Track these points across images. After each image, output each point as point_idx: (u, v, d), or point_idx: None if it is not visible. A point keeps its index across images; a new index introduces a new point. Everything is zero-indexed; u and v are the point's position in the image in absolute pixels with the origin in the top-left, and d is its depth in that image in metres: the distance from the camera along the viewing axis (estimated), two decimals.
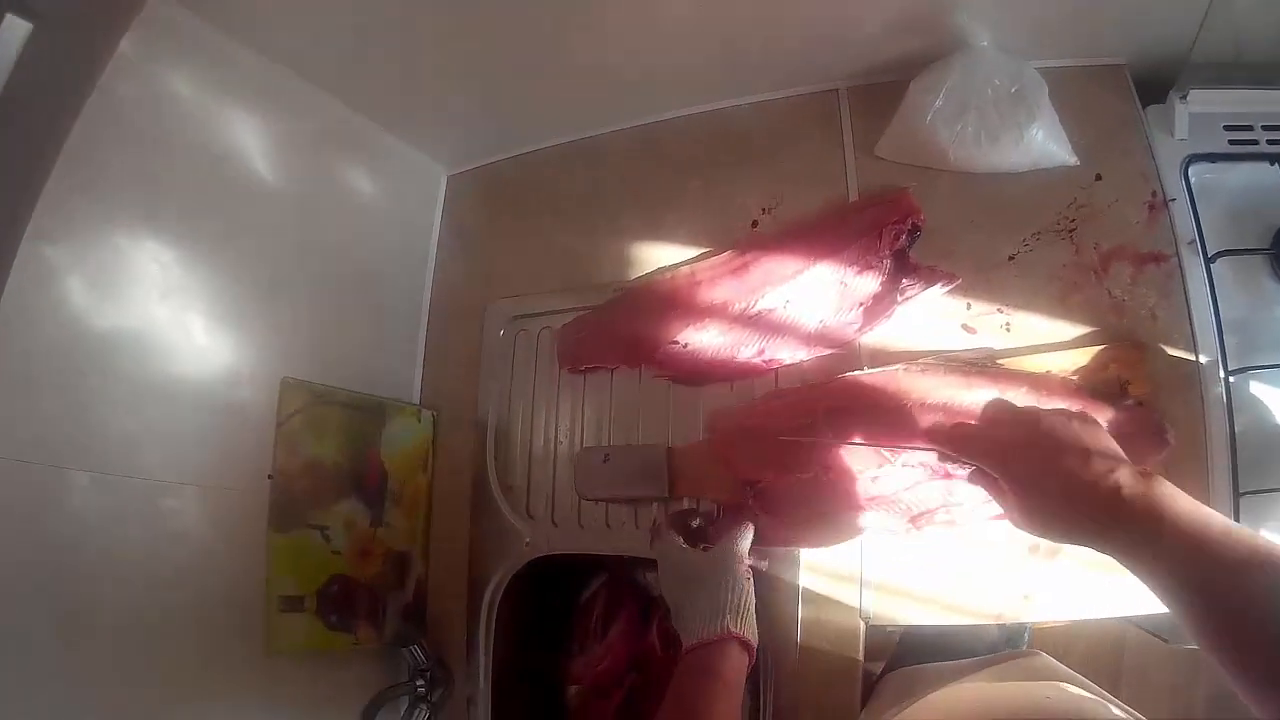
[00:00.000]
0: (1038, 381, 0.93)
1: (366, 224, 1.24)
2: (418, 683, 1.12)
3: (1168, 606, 0.60)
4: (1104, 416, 0.88)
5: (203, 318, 0.96)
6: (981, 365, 0.95)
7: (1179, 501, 0.61)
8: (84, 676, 0.81)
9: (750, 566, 0.89)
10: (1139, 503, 0.62)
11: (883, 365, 0.99)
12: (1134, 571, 0.62)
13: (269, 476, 1.02)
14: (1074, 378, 0.93)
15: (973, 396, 0.93)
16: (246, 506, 1.00)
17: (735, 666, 0.77)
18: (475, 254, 1.34)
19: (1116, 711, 0.72)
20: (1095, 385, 0.92)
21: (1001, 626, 1.23)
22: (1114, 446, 0.67)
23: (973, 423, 0.78)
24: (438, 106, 1.23)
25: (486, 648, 1.13)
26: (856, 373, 1.00)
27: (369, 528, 1.14)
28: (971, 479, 0.78)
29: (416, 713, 1.10)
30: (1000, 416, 0.74)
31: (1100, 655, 1.84)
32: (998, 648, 1.18)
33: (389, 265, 1.29)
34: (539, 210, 1.30)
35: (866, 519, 0.94)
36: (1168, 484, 0.63)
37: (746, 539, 0.90)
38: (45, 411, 0.79)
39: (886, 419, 0.95)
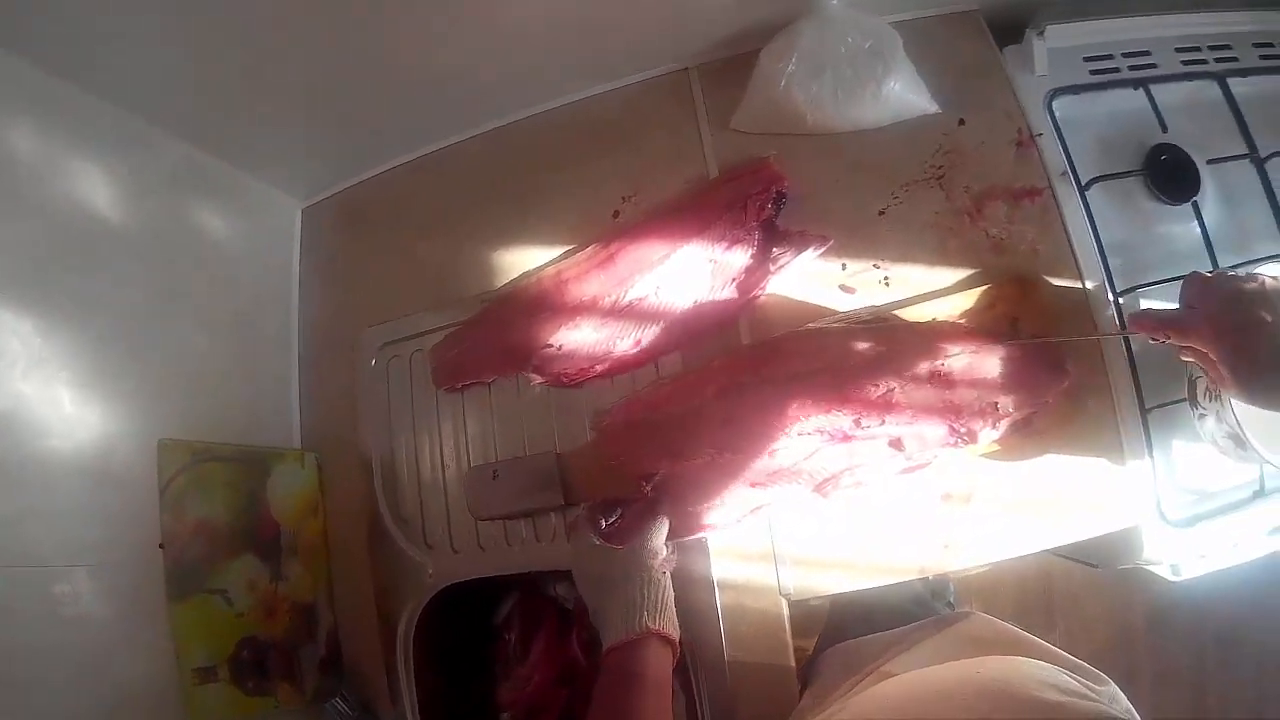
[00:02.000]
0: (926, 331, 0.92)
1: (226, 267, 1.19)
2: None
3: None
4: (998, 354, 0.88)
5: (69, 388, 0.91)
6: (865, 323, 0.94)
7: None
8: None
9: (664, 561, 0.85)
10: None
11: (763, 337, 0.98)
12: None
13: (160, 545, 0.97)
14: (962, 320, 0.92)
15: (859, 354, 0.91)
16: (141, 579, 0.95)
17: (659, 664, 0.75)
18: (340, 284, 1.29)
19: (1043, 669, 0.68)
20: (984, 325, 0.91)
21: (925, 581, 1.22)
22: None
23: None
24: (283, 136, 1.18)
25: (409, 687, 1.09)
26: (735, 349, 0.98)
27: (270, 584, 1.09)
28: (1182, 354, 0.79)
29: None
30: (1198, 293, 0.75)
31: (1030, 593, 1.84)
32: (926, 603, 1.16)
33: (253, 307, 1.24)
34: (399, 229, 1.25)
35: (771, 494, 0.92)
36: None
37: (660, 533, 0.87)
38: None
39: (780, 388, 0.93)
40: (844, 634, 1.06)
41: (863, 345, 0.91)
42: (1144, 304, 0.93)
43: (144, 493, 0.98)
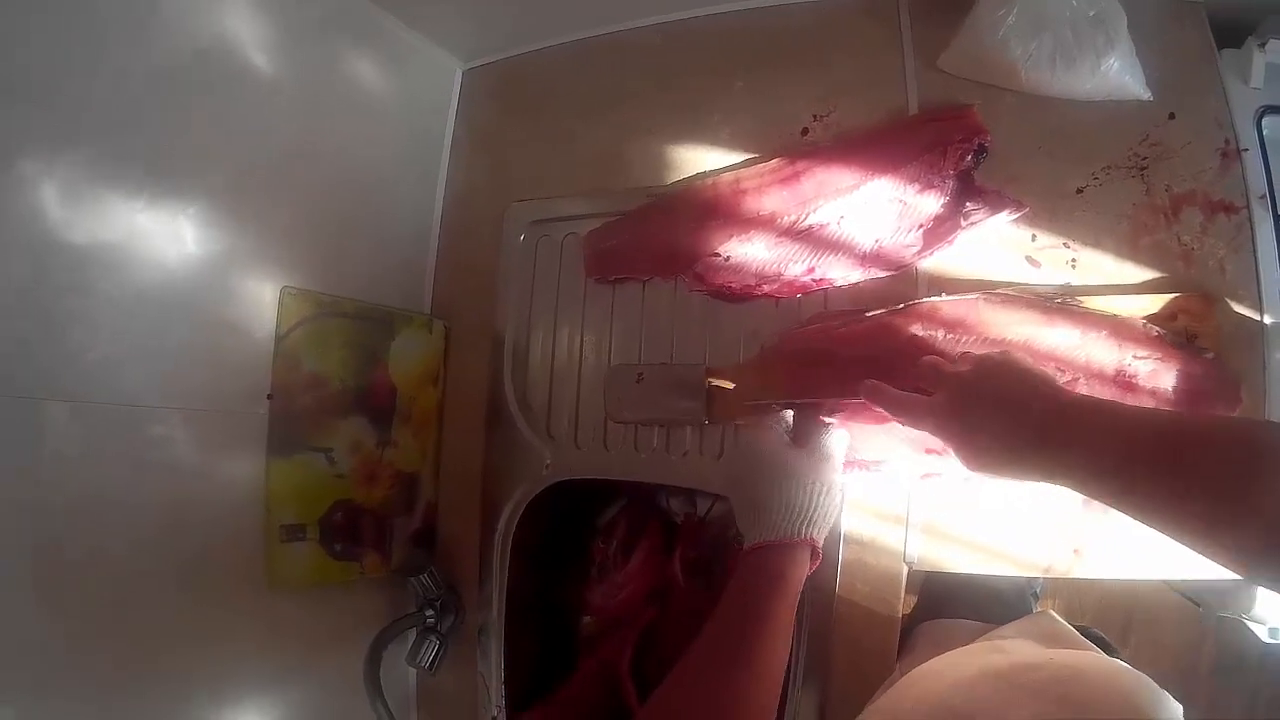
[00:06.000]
0: (1119, 326, 0.88)
1: (374, 121, 1.13)
2: (427, 613, 1.06)
3: (1125, 511, 0.61)
4: (1180, 369, 0.85)
5: (194, 224, 0.87)
6: (1061, 302, 0.90)
7: (1098, 404, 0.66)
8: (71, 626, 0.76)
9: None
10: (1063, 415, 0.64)
11: (940, 292, 0.94)
12: (1079, 487, 0.64)
13: (268, 396, 0.94)
14: (1153, 326, 0.88)
15: (1053, 334, 0.88)
16: (243, 430, 0.93)
17: (800, 573, 0.75)
18: (492, 155, 1.23)
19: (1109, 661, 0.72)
20: (1167, 335, 0.88)
21: None
22: (1033, 372, 0.70)
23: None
24: None
25: (500, 575, 1.08)
26: (934, 299, 0.93)
27: (375, 449, 1.06)
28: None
29: (426, 644, 1.04)
30: (931, 378, 0.76)
31: (1112, 603, 1.89)
32: (1024, 594, 1.18)
33: (398, 166, 1.18)
34: (563, 108, 1.19)
35: (943, 464, 0.89)
36: (1083, 394, 0.69)
37: (843, 444, 0.85)
38: (17, 338, 0.72)
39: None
40: (941, 609, 1.06)
41: (1059, 327, 0.88)
42: None
43: (258, 342, 0.95)
